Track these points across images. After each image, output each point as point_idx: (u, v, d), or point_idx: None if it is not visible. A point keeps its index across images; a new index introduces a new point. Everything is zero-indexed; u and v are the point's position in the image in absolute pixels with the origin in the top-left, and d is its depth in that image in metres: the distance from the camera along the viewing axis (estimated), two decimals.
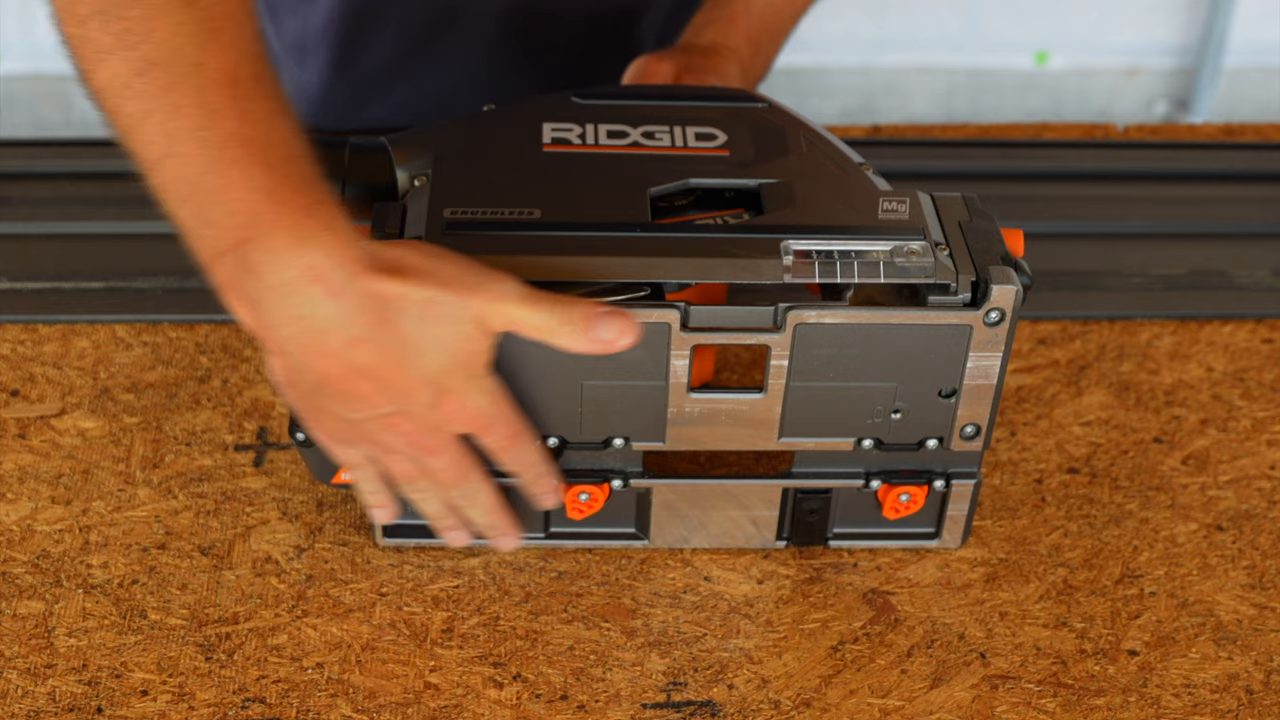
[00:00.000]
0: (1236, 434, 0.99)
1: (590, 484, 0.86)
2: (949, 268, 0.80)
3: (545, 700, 0.81)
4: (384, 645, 0.84)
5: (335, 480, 0.89)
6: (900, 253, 0.79)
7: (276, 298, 0.73)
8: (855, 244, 0.79)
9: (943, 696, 0.82)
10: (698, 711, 0.81)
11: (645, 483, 0.86)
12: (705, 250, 0.80)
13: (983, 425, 0.85)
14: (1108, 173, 1.20)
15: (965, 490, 0.87)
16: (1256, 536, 0.92)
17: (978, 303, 0.80)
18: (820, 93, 2.64)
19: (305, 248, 0.72)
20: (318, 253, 0.72)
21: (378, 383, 0.75)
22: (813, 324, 0.80)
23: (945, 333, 0.81)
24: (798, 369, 0.81)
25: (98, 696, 0.80)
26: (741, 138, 0.88)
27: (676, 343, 0.80)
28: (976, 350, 0.81)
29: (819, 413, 0.84)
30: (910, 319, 0.80)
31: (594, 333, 0.76)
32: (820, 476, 0.87)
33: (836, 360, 0.81)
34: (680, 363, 0.81)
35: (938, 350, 0.81)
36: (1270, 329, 1.07)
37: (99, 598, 0.85)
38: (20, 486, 0.91)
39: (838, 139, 0.89)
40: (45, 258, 1.06)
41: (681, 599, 0.87)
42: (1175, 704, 0.83)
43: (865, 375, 0.82)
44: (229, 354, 1.00)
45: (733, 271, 0.79)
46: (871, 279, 0.79)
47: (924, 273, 0.79)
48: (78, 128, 2.47)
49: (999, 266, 0.80)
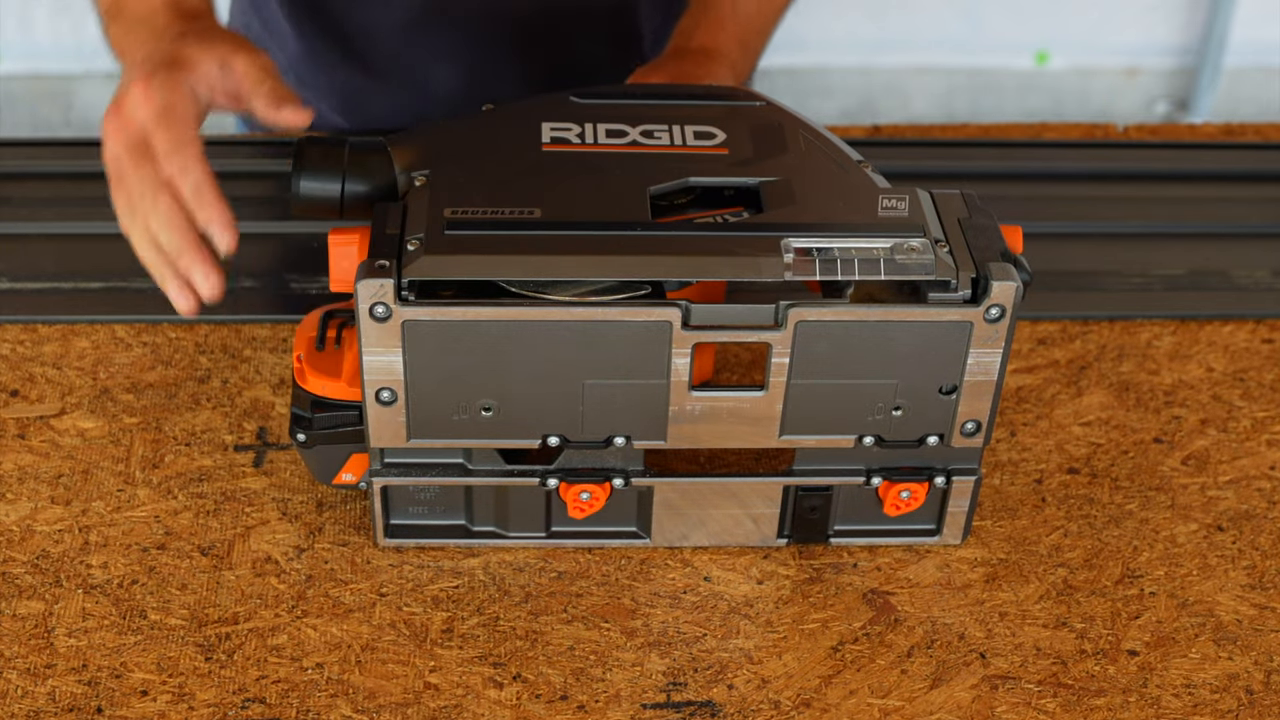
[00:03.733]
0: (1236, 434, 0.99)
1: (591, 483, 0.86)
2: (949, 264, 0.80)
3: (545, 700, 0.81)
4: (384, 645, 0.84)
5: (336, 480, 0.89)
6: (900, 250, 0.79)
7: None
8: (855, 241, 0.79)
9: (943, 696, 0.82)
10: (698, 711, 0.81)
11: (646, 481, 0.86)
12: (706, 248, 0.79)
13: (983, 421, 0.85)
14: (1108, 173, 1.20)
15: (966, 486, 0.87)
16: (1256, 536, 0.92)
17: (978, 299, 0.80)
18: (820, 93, 2.64)
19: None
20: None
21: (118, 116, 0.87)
22: (813, 321, 0.80)
23: (946, 329, 0.81)
24: (799, 366, 0.82)
25: (98, 696, 0.80)
26: (740, 136, 0.88)
27: (678, 341, 0.80)
28: (977, 347, 0.81)
29: (820, 410, 0.84)
30: (911, 315, 0.80)
31: (282, 113, 0.87)
32: (821, 474, 0.87)
33: (837, 357, 0.81)
34: (681, 361, 0.81)
35: (938, 347, 0.82)
36: (1270, 329, 1.07)
37: (99, 598, 0.85)
38: (20, 486, 0.91)
39: (836, 137, 0.89)
40: (45, 258, 1.06)
41: (681, 599, 0.87)
42: (1175, 704, 0.83)
43: (866, 372, 0.82)
44: (229, 354, 1.00)
45: (733, 270, 0.79)
46: (872, 276, 0.79)
47: (924, 269, 0.79)
48: (77, 128, 2.47)
49: (999, 263, 0.80)
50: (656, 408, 0.83)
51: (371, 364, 0.80)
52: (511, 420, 0.83)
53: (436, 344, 0.80)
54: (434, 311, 0.78)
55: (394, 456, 0.86)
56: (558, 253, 0.79)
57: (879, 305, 0.80)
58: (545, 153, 0.86)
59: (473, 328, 0.79)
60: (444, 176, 0.83)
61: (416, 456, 0.86)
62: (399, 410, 0.82)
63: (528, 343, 0.79)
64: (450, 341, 0.80)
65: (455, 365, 0.81)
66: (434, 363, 0.80)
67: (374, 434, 0.83)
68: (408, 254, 0.78)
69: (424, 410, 0.82)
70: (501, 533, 0.89)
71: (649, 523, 0.89)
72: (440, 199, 0.81)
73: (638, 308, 0.79)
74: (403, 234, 0.80)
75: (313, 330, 0.89)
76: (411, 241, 0.79)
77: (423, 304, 0.78)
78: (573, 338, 0.80)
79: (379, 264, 0.78)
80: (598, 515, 0.88)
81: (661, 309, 0.79)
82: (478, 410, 0.82)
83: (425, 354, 0.80)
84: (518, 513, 0.88)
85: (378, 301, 0.77)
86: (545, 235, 0.79)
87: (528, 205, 0.81)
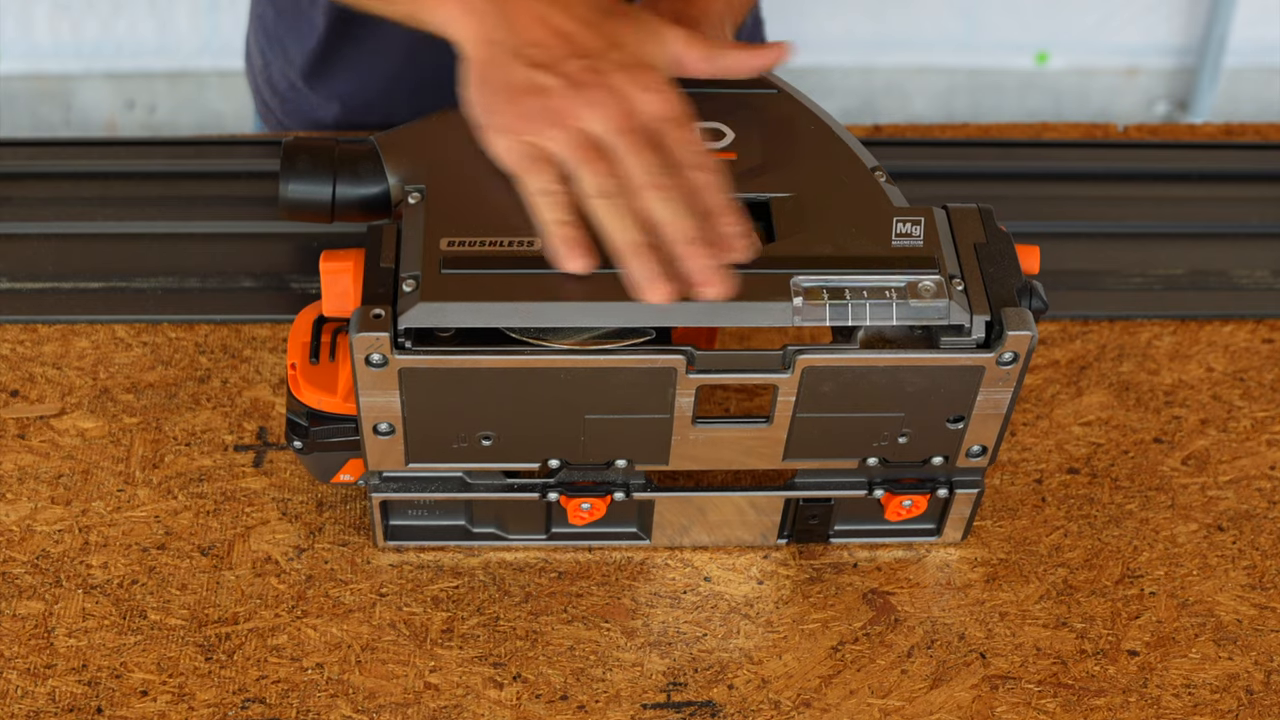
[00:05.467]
0: (1236, 434, 0.99)
1: (592, 496, 0.85)
2: (963, 308, 0.77)
3: (545, 700, 0.81)
4: (384, 645, 0.84)
5: (334, 479, 0.89)
6: (913, 290, 0.77)
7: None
8: (867, 279, 0.77)
9: (943, 696, 0.82)
10: (698, 712, 0.81)
11: (648, 496, 0.86)
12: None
13: (990, 445, 0.84)
14: (1108, 173, 1.20)
15: (969, 496, 0.87)
16: (1256, 536, 0.92)
17: (991, 345, 0.78)
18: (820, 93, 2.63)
19: None
20: None
21: (571, 42, 0.79)
22: (822, 366, 0.78)
23: (957, 371, 0.79)
24: (805, 403, 0.80)
25: (98, 696, 0.80)
26: (750, 136, 0.84)
27: (682, 384, 0.78)
28: (988, 387, 0.80)
29: (825, 438, 0.83)
30: (922, 361, 0.78)
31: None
32: (823, 488, 0.86)
33: (844, 395, 0.80)
34: (685, 400, 0.79)
35: (948, 385, 0.80)
36: (1270, 329, 1.07)
37: (99, 598, 0.85)
38: (20, 486, 0.91)
39: (850, 135, 0.86)
40: (45, 258, 1.06)
41: (681, 599, 0.87)
42: (1175, 704, 0.83)
43: (873, 407, 0.81)
44: (229, 354, 1.00)
45: (740, 316, 0.77)
46: (883, 321, 0.77)
47: (937, 314, 0.77)
48: (77, 128, 2.47)
49: (1015, 309, 0.78)
50: (659, 438, 0.82)
51: (368, 403, 0.79)
52: (511, 447, 0.82)
53: (434, 386, 0.78)
54: (432, 360, 0.76)
55: (392, 473, 0.85)
56: (558, 298, 0.76)
57: (889, 351, 0.78)
58: None
59: (472, 373, 0.77)
60: (439, 193, 0.80)
61: (415, 473, 0.85)
62: (397, 440, 0.81)
63: (528, 384, 0.77)
64: (448, 385, 0.78)
65: (453, 403, 0.79)
66: (432, 402, 0.79)
67: (372, 459, 0.83)
68: (403, 297, 0.75)
69: (422, 440, 0.81)
70: (501, 535, 0.89)
71: (649, 525, 0.88)
72: (436, 225, 0.78)
73: (642, 355, 0.77)
74: (397, 267, 0.77)
75: (305, 335, 0.86)
76: (407, 280, 0.76)
77: (420, 351, 0.76)
78: (574, 380, 0.78)
79: (374, 314, 0.75)
80: (598, 520, 0.87)
81: (666, 356, 0.77)
82: (477, 440, 0.81)
83: (423, 395, 0.78)
84: (518, 517, 0.88)
85: (374, 351, 0.76)
86: (545, 277, 0.76)
87: (526, 234, 0.78)
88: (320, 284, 1.06)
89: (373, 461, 0.83)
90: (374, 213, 0.84)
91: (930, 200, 0.83)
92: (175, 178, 1.12)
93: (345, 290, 0.80)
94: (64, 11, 2.37)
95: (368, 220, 0.84)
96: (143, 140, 1.17)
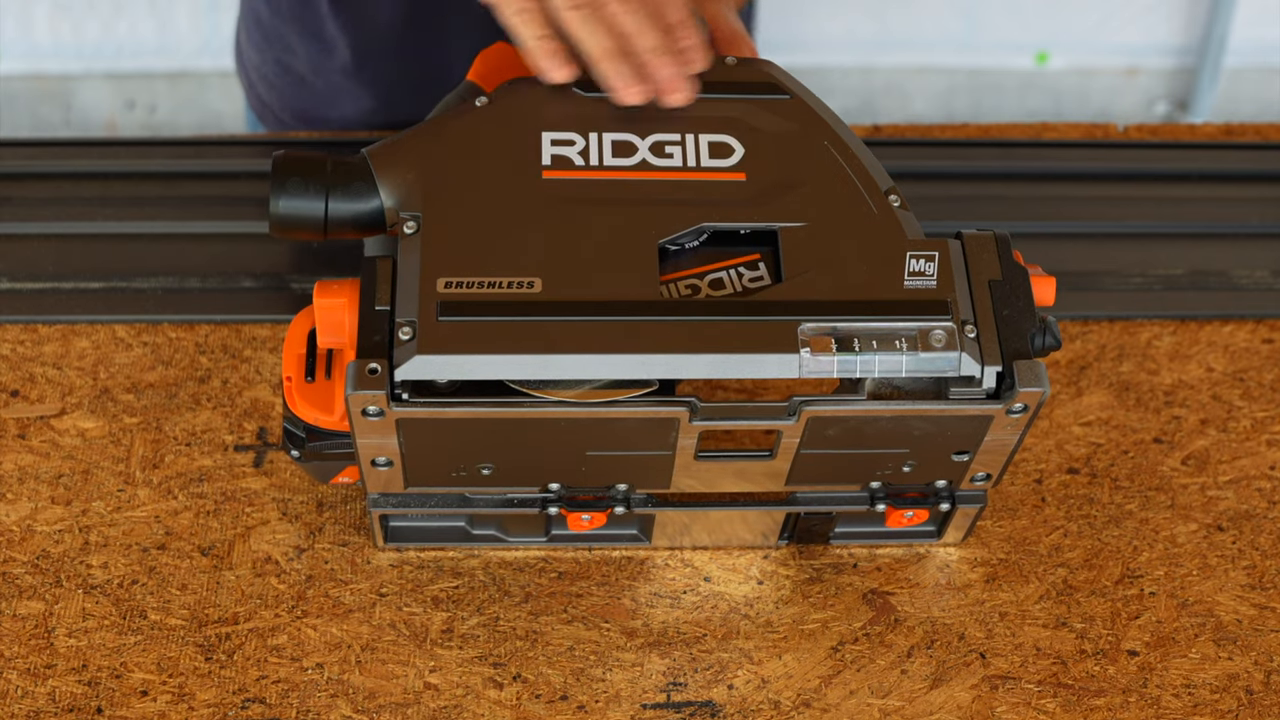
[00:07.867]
0: (1236, 434, 0.99)
1: (593, 511, 0.85)
2: (974, 360, 0.75)
3: (545, 700, 0.81)
4: (384, 645, 0.84)
5: (334, 481, 0.89)
6: (924, 340, 0.75)
7: None
8: (876, 325, 0.75)
9: (943, 697, 0.82)
10: (698, 712, 0.81)
11: (648, 511, 0.86)
12: (717, 343, 0.74)
13: (995, 473, 0.83)
14: (1108, 173, 1.20)
15: (970, 510, 0.87)
16: (1256, 536, 0.92)
17: (1001, 396, 0.76)
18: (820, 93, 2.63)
19: None
20: None
21: None
22: (827, 416, 0.77)
23: (965, 419, 0.78)
24: (810, 443, 0.79)
25: (98, 697, 0.80)
26: (760, 151, 0.81)
27: (684, 431, 0.77)
28: (996, 431, 0.78)
29: (828, 469, 0.82)
30: (930, 412, 0.76)
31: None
32: (825, 503, 0.86)
33: (849, 436, 0.79)
34: (687, 443, 0.78)
35: (955, 430, 0.79)
36: (1270, 329, 1.07)
37: (99, 598, 0.85)
38: (20, 486, 0.91)
39: (864, 149, 0.82)
40: (45, 258, 1.06)
41: (681, 599, 0.87)
42: (1175, 704, 0.83)
43: (878, 445, 0.80)
44: (229, 354, 1.00)
45: (747, 368, 0.74)
46: (892, 374, 0.75)
47: (948, 366, 0.75)
48: (77, 128, 2.47)
49: (1027, 363, 0.75)
50: (661, 469, 0.81)
51: (365, 444, 0.78)
52: (511, 476, 0.82)
53: (432, 432, 0.77)
54: (430, 412, 0.75)
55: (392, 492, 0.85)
56: (559, 349, 0.74)
57: (896, 402, 0.76)
58: (545, 182, 0.79)
59: (470, 423, 0.76)
60: (435, 223, 0.77)
61: (415, 492, 0.85)
62: (396, 470, 0.81)
63: (528, 431, 0.76)
64: (447, 430, 0.77)
65: (452, 445, 0.79)
66: (430, 445, 0.78)
67: (370, 486, 0.82)
68: (400, 347, 0.73)
69: (422, 472, 0.81)
70: (501, 537, 0.89)
71: (650, 530, 0.88)
72: (433, 263, 0.75)
73: (644, 408, 0.75)
74: (394, 311, 0.75)
75: (300, 347, 0.83)
76: (404, 327, 0.74)
77: (417, 403, 0.74)
78: (575, 426, 0.77)
79: (370, 369, 0.73)
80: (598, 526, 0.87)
81: (669, 409, 0.75)
82: (477, 470, 0.81)
83: (421, 439, 0.77)
84: (518, 522, 0.88)
85: (370, 405, 0.74)
86: (545, 325, 0.74)
87: (526, 274, 0.75)
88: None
89: (371, 487, 0.83)
90: (367, 229, 0.81)
91: (930, 200, 0.83)
92: (175, 178, 1.12)
93: (340, 323, 0.77)
94: (64, 12, 2.37)
95: (361, 236, 0.82)
96: (143, 140, 1.17)
